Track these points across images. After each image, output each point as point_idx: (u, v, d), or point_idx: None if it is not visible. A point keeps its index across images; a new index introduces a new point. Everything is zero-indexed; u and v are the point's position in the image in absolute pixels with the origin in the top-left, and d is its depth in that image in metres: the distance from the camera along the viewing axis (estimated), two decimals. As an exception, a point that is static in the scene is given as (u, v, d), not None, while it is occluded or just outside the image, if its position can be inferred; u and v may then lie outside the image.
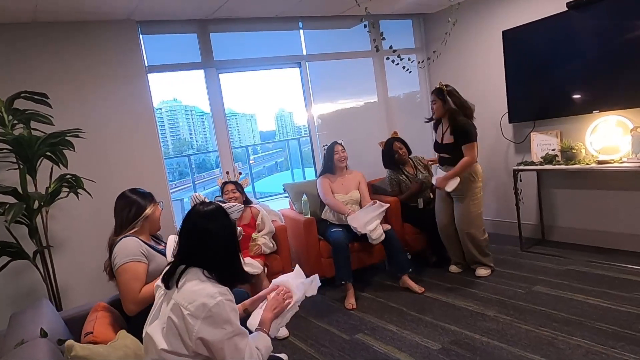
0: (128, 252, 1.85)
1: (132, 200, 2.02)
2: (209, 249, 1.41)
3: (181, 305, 1.32)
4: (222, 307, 1.32)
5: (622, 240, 3.38)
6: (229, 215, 1.49)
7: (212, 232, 1.42)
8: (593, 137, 3.31)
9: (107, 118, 3.22)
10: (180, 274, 1.39)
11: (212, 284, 1.36)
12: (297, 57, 4.09)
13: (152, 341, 1.35)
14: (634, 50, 3.02)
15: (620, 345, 2.15)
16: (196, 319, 1.29)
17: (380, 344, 2.50)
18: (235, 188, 3.15)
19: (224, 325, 1.32)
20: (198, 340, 1.30)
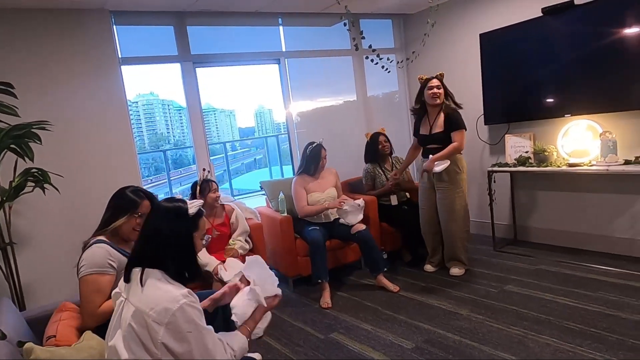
0: (94, 262, 1.73)
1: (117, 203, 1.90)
2: (163, 248, 1.35)
3: (143, 311, 1.25)
4: (185, 311, 1.26)
5: (589, 241, 3.49)
6: (187, 216, 1.40)
7: (167, 232, 1.36)
8: (564, 141, 3.39)
9: (78, 110, 3.11)
10: (141, 277, 1.32)
11: (174, 287, 1.31)
12: (276, 54, 4.05)
13: (116, 353, 1.28)
14: (604, 57, 3.11)
15: (586, 344, 2.21)
16: (159, 324, 1.23)
17: (354, 343, 2.50)
18: (217, 187, 3.09)
19: (189, 328, 1.26)
20: (163, 347, 1.25)
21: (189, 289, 1.34)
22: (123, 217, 1.86)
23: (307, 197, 3.36)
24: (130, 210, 1.87)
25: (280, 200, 3.45)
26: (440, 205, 3.30)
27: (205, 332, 1.31)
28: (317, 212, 3.32)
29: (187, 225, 1.39)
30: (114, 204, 1.91)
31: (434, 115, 3.25)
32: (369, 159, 3.87)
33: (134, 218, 1.88)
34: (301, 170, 3.46)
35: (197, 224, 1.43)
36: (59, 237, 2.98)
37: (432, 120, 3.26)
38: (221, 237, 2.99)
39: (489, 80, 3.83)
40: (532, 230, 3.88)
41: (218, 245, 2.96)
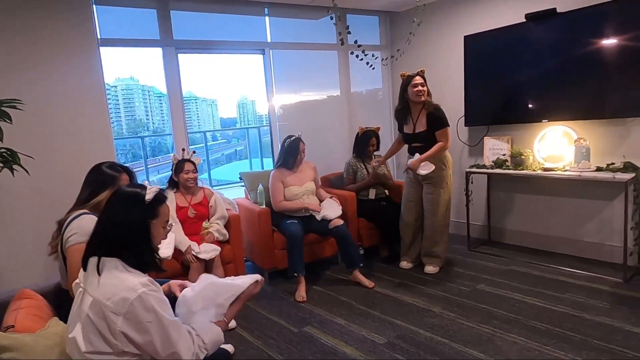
0: (85, 232, 1.66)
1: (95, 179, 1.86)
2: (119, 237, 1.29)
3: (100, 301, 1.20)
4: (144, 300, 1.21)
5: (559, 244, 3.59)
6: (144, 202, 1.33)
7: (122, 219, 1.30)
8: (541, 145, 3.47)
9: (53, 91, 3.00)
10: (97, 266, 1.27)
11: (133, 275, 1.25)
12: (261, 44, 3.99)
13: (76, 344, 1.23)
14: (582, 66, 3.19)
15: (552, 343, 2.28)
16: (117, 315, 1.19)
17: (327, 337, 2.51)
18: (194, 167, 3.04)
19: (149, 318, 1.21)
20: (122, 337, 1.20)
21: (150, 277, 1.30)
22: (105, 191, 1.83)
23: (285, 191, 3.35)
24: (111, 184, 1.85)
25: (259, 192, 3.43)
26: (425, 200, 3.35)
27: (168, 322, 1.25)
28: (293, 209, 3.31)
29: (143, 213, 1.32)
30: (93, 180, 1.87)
31: (416, 113, 3.27)
32: (356, 152, 3.90)
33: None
34: (279, 164, 3.43)
35: (155, 211, 1.35)
36: (27, 220, 2.88)
37: (415, 118, 3.29)
38: (198, 218, 2.96)
39: (471, 82, 3.88)
40: (505, 231, 3.97)
41: (195, 227, 2.93)
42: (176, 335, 1.27)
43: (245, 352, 2.42)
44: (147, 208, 1.33)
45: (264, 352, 2.41)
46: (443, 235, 3.37)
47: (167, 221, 1.41)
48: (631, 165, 3.03)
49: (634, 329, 2.35)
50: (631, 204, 3.02)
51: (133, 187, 1.38)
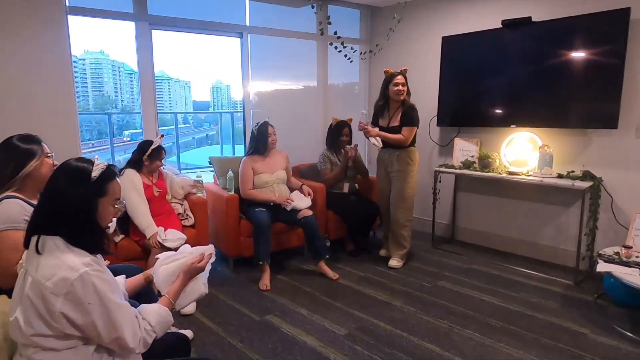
0: (8, 218, 1.58)
1: (14, 152, 1.71)
2: (60, 214, 1.20)
3: (39, 282, 1.13)
4: (86, 280, 1.13)
5: (518, 246, 3.72)
6: (89, 179, 1.22)
7: (65, 196, 1.21)
8: (507, 150, 3.58)
9: (13, 58, 2.83)
10: (36, 244, 1.18)
11: (75, 255, 1.17)
12: (239, 27, 3.91)
13: (19, 327, 1.16)
14: (551, 75, 3.29)
15: (505, 340, 2.36)
16: (57, 296, 1.11)
17: (289, 327, 2.51)
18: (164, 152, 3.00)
19: (91, 299, 1.13)
20: (63, 319, 1.12)
21: (95, 257, 1.21)
22: (34, 161, 1.71)
23: (255, 178, 3.31)
24: (37, 153, 1.73)
25: (229, 178, 3.37)
26: (392, 194, 3.45)
27: (112, 305, 1.17)
28: (260, 199, 3.27)
29: (87, 190, 1.22)
30: (11, 155, 1.71)
31: (394, 109, 3.36)
32: (328, 144, 3.89)
33: (46, 159, 1.75)
34: (251, 151, 3.40)
35: (103, 189, 1.25)
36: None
37: (391, 113, 3.37)
38: (162, 197, 2.92)
39: (445, 83, 3.95)
40: (468, 231, 4.08)
41: (159, 206, 2.87)
42: (121, 319, 1.19)
43: (205, 338, 2.39)
44: (94, 185, 1.23)
45: (224, 338, 2.38)
46: (406, 229, 3.45)
47: (118, 199, 1.31)
48: (589, 174, 3.16)
49: (581, 329, 2.48)
50: (587, 211, 3.16)
51: (80, 162, 1.27)
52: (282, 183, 3.39)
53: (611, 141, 3.13)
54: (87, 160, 1.28)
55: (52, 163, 1.77)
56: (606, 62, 3.01)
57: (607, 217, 3.18)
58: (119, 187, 1.32)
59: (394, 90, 3.27)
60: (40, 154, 1.74)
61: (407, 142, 3.28)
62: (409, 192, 3.39)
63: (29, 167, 1.69)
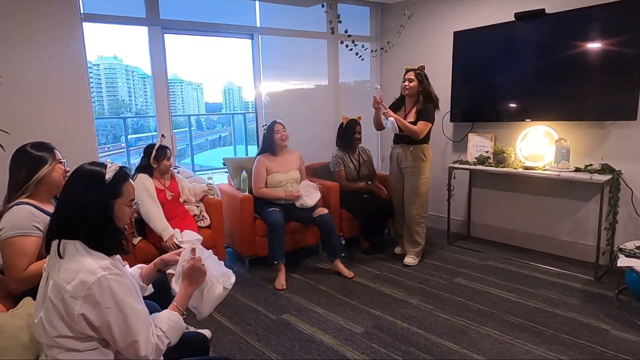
0: (16, 224, 1.61)
1: (27, 159, 1.74)
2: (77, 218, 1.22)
3: (60, 285, 1.16)
4: (104, 284, 1.15)
5: (535, 241, 3.67)
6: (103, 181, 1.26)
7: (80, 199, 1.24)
8: (523, 144, 3.53)
9: (32, 65, 2.89)
10: (58, 249, 1.21)
11: (94, 258, 1.19)
12: (250, 29, 3.93)
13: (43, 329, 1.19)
14: (566, 67, 3.24)
15: (523, 337, 2.34)
16: (76, 299, 1.14)
17: (305, 325, 2.53)
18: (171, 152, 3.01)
19: (108, 303, 1.16)
20: (83, 321, 1.15)
21: (114, 261, 1.24)
22: (46, 167, 1.73)
23: (269, 178, 3.33)
24: (49, 159, 1.76)
25: (243, 178, 3.40)
26: (405, 190, 3.43)
27: (129, 310, 1.19)
28: (272, 197, 3.29)
29: (102, 192, 1.25)
30: (22, 161, 1.74)
31: (410, 105, 3.37)
32: (340, 145, 3.86)
33: (58, 165, 1.78)
34: (262, 149, 3.44)
35: (117, 190, 1.28)
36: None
37: (407, 109, 3.38)
38: (175, 200, 2.94)
39: (458, 79, 3.91)
40: (484, 227, 4.03)
41: (174, 209, 2.90)
42: (135, 324, 1.20)
43: (223, 337, 2.41)
44: (108, 187, 1.26)
45: (241, 338, 2.41)
46: (421, 226, 3.43)
47: (132, 200, 1.34)
48: (608, 167, 3.10)
49: (602, 325, 2.44)
50: (606, 205, 3.10)
51: (93, 166, 1.30)
52: (296, 182, 3.40)
53: (630, 133, 3.07)
54: (100, 163, 1.31)
55: (63, 169, 1.80)
56: (623, 52, 2.95)
57: (628, 210, 3.12)
58: (132, 188, 1.35)
59: (401, 86, 3.33)
60: (52, 160, 1.77)
61: (421, 135, 3.25)
62: (422, 189, 3.37)
63: (40, 173, 1.72)
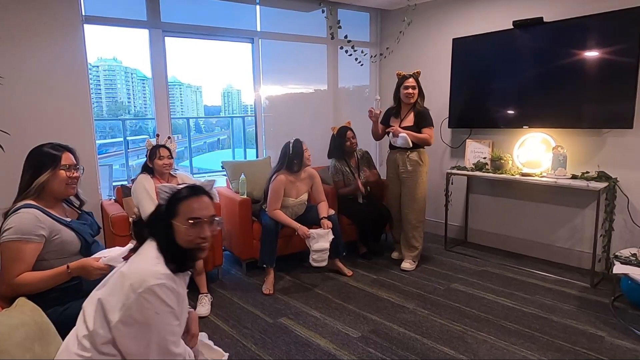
0: (19, 229, 1.59)
1: (32, 162, 1.73)
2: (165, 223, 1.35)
3: (125, 274, 1.25)
4: (161, 291, 1.23)
5: (532, 248, 3.69)
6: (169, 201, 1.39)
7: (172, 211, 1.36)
8: (520, 151, 3.55)
9: (33, 66, 2.90)
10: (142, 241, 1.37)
11: (163, 265, 1.29)
12: (250, 33, 3.95)
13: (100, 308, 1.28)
14: (564, 75, 3.27)
15: (519, 343, 2.34)
16: (134, 292, 1.21)
17: (302, 329, 2.53)
18: (169, 154, 3.00)
19: (158, 310, 1.23)
20: (125, 315, 1.22)
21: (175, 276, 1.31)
22: (45, 173, 1.70)
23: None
24: (51, 165, 1.72)
25: (241, 181, 3.41)
26: (402, 195, 3.46)
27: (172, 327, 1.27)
28: (284, 223, 3.14)
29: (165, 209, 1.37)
30: (31, 164, 1.74)
31: (405, 110, 3.41)
32: (336, 155, 3.78)
33: (61, 171, 1.74)
34: (284, 167, 3.20)
35: (173, 210, 1.36)
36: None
37: (403, 114, 3.41)
38: None
39: (456, 85, 3.93)
40: (481, 233, 4.05)
41: None
42: (174, 345, 1.27)
43: (220, 340, 2.41)
44: (167, 205, 1.37)
45: (238, 341, 2.41)
46: (419, 230, 3.45)
47: (196, 218, 1.36)
48: (605, 174, 3.12)
49: (598, 332, 2.45)
50: (602, 212, 3.12)
51: (188, 187, 1.40)
52: (303, 204, 3.33)
53: (627, 141, 3.09)
54: (197, 186, 1.42)
55: (67, 176, 1.75)
56: (620, 62, 2.98)
57: (623, 218, 3.14)
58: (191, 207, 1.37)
59: (404, 93, 3.33)
60: (55, 167, 1.73)
61: (432, 141, 3.35)
62: (420, 193, 3.39)
63: (40, 180, 1.70)
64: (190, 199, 1.36)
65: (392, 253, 3.71)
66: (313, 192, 3.35)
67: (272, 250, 3.11)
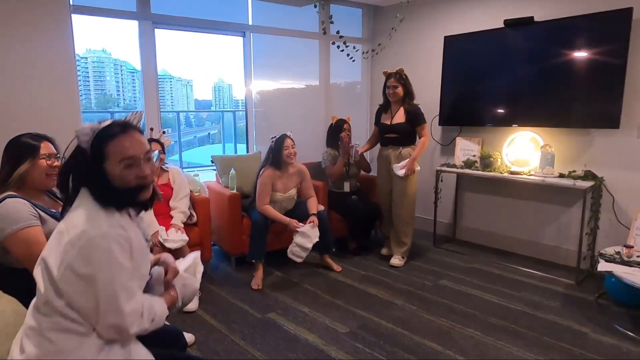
0: (19, 217, 1.56)
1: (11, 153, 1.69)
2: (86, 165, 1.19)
3: (61, 231, 1.14)
4: (104, 242, 1.10)
5: (519, 245, 3.73)
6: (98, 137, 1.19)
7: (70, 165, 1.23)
8: (509, 149, 3.58)
9: (18, 57, 2.84)
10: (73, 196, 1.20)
11: (105, 214, 1.16)
12: (242, 26, 3.92)
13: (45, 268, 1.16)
14: (553, 75, 3.29)
15: (505, 338, 2.37)
16: (72, 247, 1.10)
17: (291, 324, 2.53)
18: (162, 149, 2.97)
19: (102, 261, 1.10)
20: (67, 271, 1.10)
21: (123, 219, 1.19)
22: (25, 163, 1.67)
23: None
24: (30, 155, 1.69)
25: (231, 176, 3.39)
26: (394, 191, 3.47)
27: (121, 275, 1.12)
28: (273, 218, 3.15)
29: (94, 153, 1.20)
30: (10, 154, 1.70)
31: (396, 108, 3.43)
32: (330, 143, 3.88)
33: (41, 161, 1.70)
34: (269, 163, 3.24)
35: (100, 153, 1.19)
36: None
37: (394, 112, 3.43)
38: (165, 200, 2.92)
39: (447, 83, 3.95)
40: (470, 230, 4.08)
41: (161, 208, 2.88)
42: (126, 295, 1.13)
43: (208, 335, 2.40)
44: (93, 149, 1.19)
45: (226, 336, 2.40)
46: (409, 227, 3.48)
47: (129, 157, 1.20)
48: (591, 173, 3.17)
49: (581, 328, 2.49)
50: (588, 211, 3.17)
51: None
52: (292, 199, 3.34)
53: (613, 141, 3.14)
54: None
55: (47, 165, 1.72)
56: (608, 62, 3.02)
57: (609, 216, 3.19)
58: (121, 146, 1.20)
59: (387, 92, 3.40)
60: (35, 156, 1.69)
61: (428, 139, 3.41)
62: (411, 190, 3.42)
63: (20, 169, 1.67)
64: (119, 137, 1.19)
65: (382, 249, 3.72)
66: (302, 187, 3.34)
67: (262, 246, 3.10)
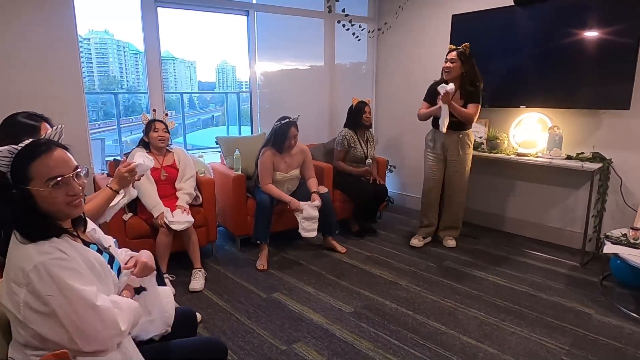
0: None
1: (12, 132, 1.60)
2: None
3: (5, 274, 1.08)
4: (44, 270, 1.03)
5: (524, 227, 3.72)
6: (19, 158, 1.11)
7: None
8: (516, 130, 3.54)
9: (20, 39, 2.82)
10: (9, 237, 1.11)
11: (34, 245, 1.07)
12: (246, 5, 3.85)
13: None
14: (562, 55, 3.22)
15: (509, 319, 2.39)
16: (19, 286, 1.04)
17: (296, 304, 2.55)
18: (165, 128, 2.97)
19: (50, 290, 1.03)
20: (27, 308, 1.04)
21: (54, 244, 1.09)
22: None
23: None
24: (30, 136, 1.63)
25: (236, 157, 3.38)
26: (450, 176, 3.37)
27: (74, 295, 1.05)
28: (277, 197, 3.15)
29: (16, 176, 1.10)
30: (8, 134, 1.61)
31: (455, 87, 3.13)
32: (349, 125, 3.83)
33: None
34: (271, 144, 3.19)
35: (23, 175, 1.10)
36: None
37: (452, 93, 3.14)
38: (169, 181, 2.93)
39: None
40: (476, 212, 4.07)
41: (166, 189, 2.90)
42: (84, 312, 1.06)
43: (214, 315, 2.43)
44: (14, 171, 1.10)
45: (232, 315, 2.43)
46: (463, 212, 3.51)
47: (56, 177, 1.11)
48: (599, 155, 3.13)
49: (585, 309, 2.50)
50: (595, 193, 3.14)
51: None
52: (295, 179, 3.33)
53: (623, 122, 3.09)
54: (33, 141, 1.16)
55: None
56: (620, 42, 2.94)
57: (616, 198, 3.16)
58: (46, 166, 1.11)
59: (442, 67, 3.18)
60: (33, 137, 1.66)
61: (474, 118, 3.16)
62: (467, 175, 3.37)
63: None
64: (41, 157, 1.11)
65: (411, 239, 3.49)
66: (303, 168, 3.33)
67: (267, 227, 3.11)
